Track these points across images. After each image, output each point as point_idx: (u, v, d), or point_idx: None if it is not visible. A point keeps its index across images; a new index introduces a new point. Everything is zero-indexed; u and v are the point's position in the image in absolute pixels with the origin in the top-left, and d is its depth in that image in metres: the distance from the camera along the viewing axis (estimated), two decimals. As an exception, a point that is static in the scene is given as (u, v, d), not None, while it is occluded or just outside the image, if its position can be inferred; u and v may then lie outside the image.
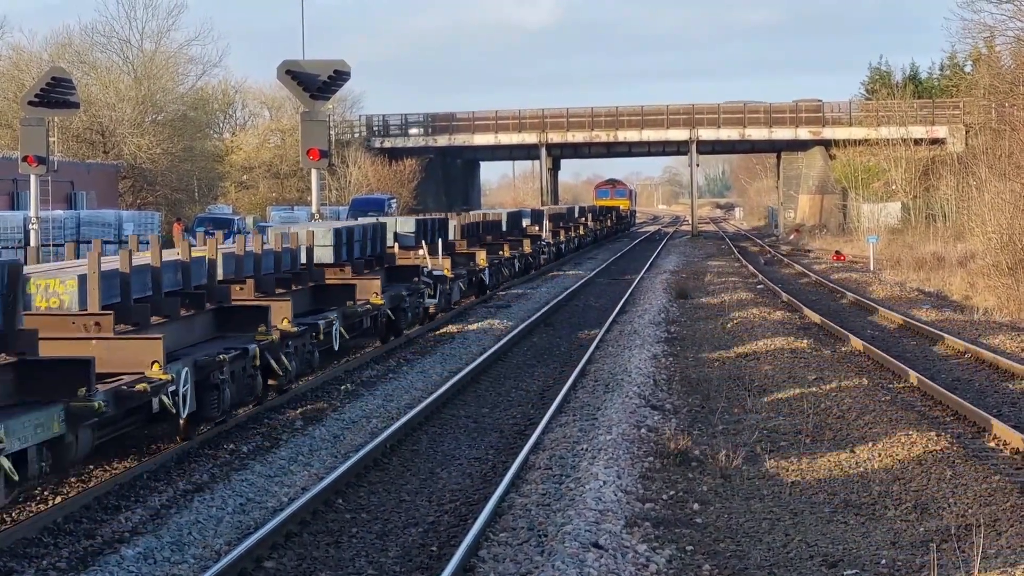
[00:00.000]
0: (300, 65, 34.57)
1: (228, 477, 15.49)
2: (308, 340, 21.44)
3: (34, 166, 36.75)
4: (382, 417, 19.73)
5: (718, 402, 20.75)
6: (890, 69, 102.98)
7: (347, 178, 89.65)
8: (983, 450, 16.85)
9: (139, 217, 63.15)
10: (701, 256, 71.27)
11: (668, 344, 28.77)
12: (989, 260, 40.64)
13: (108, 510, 13.99)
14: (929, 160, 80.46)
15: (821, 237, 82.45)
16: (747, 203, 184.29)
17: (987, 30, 59.44)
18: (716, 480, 15.50)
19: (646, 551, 12.48)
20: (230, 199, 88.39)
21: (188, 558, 12.42)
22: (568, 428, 18.29)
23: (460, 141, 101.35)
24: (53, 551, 12.48)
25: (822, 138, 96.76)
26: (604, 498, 14.05)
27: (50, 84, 37.17)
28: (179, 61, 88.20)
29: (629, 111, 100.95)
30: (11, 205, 61.38)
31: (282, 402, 20.47)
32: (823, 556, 12.50)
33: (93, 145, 77.81)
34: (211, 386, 17.09)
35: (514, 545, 12.56)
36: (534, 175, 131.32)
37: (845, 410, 19.60)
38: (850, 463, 16.24)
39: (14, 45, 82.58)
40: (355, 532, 13.52)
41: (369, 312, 26.07)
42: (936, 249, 55.49)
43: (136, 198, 78.84)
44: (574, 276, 52.12)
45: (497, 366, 25.72)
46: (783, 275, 53.74)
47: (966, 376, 23.62)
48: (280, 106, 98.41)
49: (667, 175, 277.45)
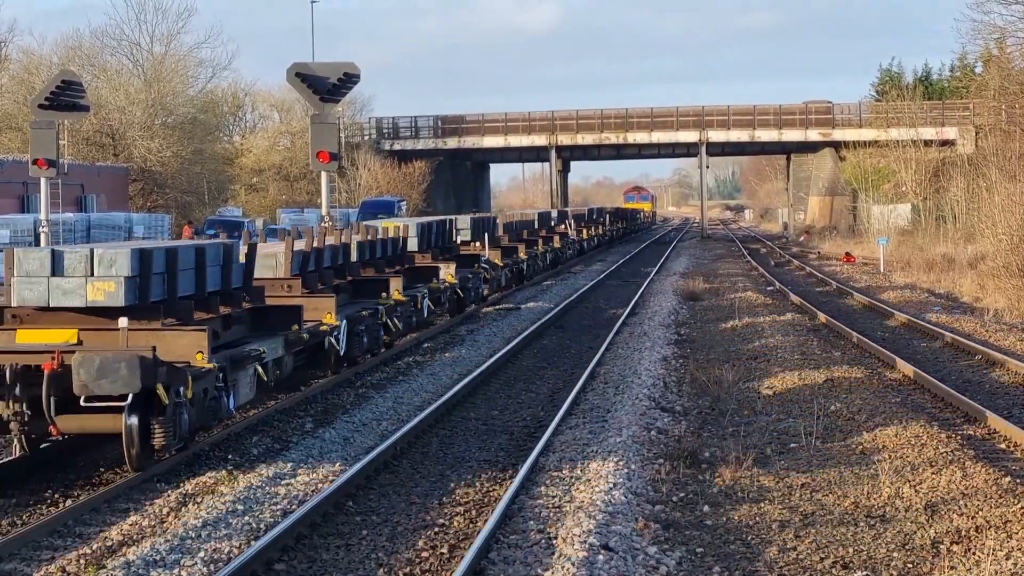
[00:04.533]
0: (310, 68, 34.57)
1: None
2: (409, 307, 28.26)
3: (44, 169, 36.80)
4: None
5: (728, 404, 20.72)
6: (901, 71, 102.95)
7: (357, 180, 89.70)
8: (993, 451, 16.84)
9: (149, 220, 63.26)
10: (711, 258, 71.21)
11: (678, 346, 28.76)
12: (999, 262, 40.57)
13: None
14: (939, 161, 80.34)
15: (831, 239, 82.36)
16: (757, 205, 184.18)
17: (997, 31, 59.49)
18: (726, 482, 15.48)
19: (656, 553, 12.47)
20: (240, 202, 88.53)
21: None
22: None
23: (470, 143, 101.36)
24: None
25: (832, 140, 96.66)
26: (614, 500, 14.04)
27: (60, 87, 37.20)
28: (189, 64, 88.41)
29: (639, 113, 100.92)
30: (21, 208, 61.47)
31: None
32: (834, 558, 12.48)
33: (103, 148, 77.92)
34: (355, 334, 23.47)
35: (524, 548, 12.56)
36: (544, 177, 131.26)
37: (855, 412, 19.57)
38: (860, 464, 16.21)
39: (24, 49, 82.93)
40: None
41: (445, 290, 32.99)
42: (946, 251, 55.44)
43: (146, 201, 78.94)
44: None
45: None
46: (793, 277, 53.68)
47: (976, 377, 23.59)
48: (290, 109, 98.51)
49: (677, 177, 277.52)
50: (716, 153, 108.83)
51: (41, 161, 36.75)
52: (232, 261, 19.10)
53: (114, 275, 15.93)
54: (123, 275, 15.90)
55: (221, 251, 18.76)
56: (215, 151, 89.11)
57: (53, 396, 14.93)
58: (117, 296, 15.91)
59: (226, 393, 16.88)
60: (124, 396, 14.84)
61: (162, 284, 16.77)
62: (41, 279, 16.04)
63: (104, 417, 15.28)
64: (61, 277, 16.04)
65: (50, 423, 15.14)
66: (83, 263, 16.02)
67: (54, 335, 16.14)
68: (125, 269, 15.94)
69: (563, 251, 59.76)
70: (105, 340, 16.00)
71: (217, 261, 18.51)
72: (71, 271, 16.04)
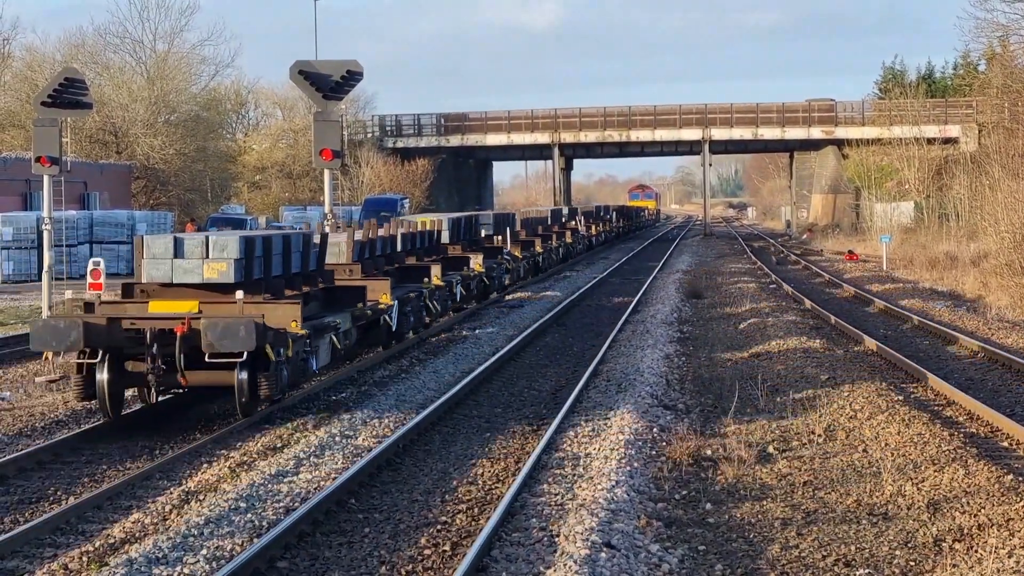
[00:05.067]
0: (313, 65, 34.49)
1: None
2: (445, 292, 32.15)
3: (47, 167, 36.75)
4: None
5: (730, 402, 20.72)
6: (904, 68, 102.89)
7: (360, 178, 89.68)
8: (996, 449, 16.84)
9: (152, 217, 63.22)
10: (713, 255, 71.20)
11: (681, 344, 28.76)
12: (1002, 259, 40.56)
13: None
14: (942, 159, 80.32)
15: (834, 237, 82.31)
16: (760, 203, 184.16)
17: (1000, 29, 59.45)
18: (728, 480, 15.48)
19: (659, 551, 12.47)
20: (243, 199, 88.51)
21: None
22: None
23: (472, 141, 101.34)
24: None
25: (835, 137, 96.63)
26: (616, 498, 14.04)
27: (63, 85, 37.14)
28: (192, 62, 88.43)
29: (642, 111, 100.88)
30: (24, 206, 61.53)
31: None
32: (836, 556, 12.48)
33: (106, 145, 77.96)
34: (403, 313, 27.06)
35: (527, 545, 12.57)
36: (546, 175, 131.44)
37: (857, 409, 19.55)
38: (862, 462, 16.21)
39: (27, 46, 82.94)
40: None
41: (474, 278, 36.94)
42: (949, 248, 55.40)
43: (149, 198, 78.98)
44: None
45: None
46: (795, 275, 53.66)
47: (979, 376, 23.59)
48: (293, 106, 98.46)
49: (680, 175, 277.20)
50: (719, 151, 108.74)
51: (44, 159, 36.71)
52: (310, 248, 22.88)
53: (225, 257, 19.34)
54: (232, 257, 19.30)
55: (301, 239, 22.50)
56: (218, 149, 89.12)
57: (183, 354, 18.23)
58: (228, 274, 19.34)
59: (311, 356, 20.41)
60: (240, 354, 18.17)
61: (260, 265, 20.23)
62: (165, 260, 19.49)
63: (221, 372, 18.62)
64: (182, 259, 19.46)
65: (181, 376, 18.57)
66: (200, 247, 19.42)
67: (180, 305, 19.38)
68: (234, 252, 19.32)
69: (574, 246, 63.86)
70: (220, 310, 19.23)
71: (298, 248, 22.09)
72: (190, 254, 19.42)
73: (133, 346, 18.68)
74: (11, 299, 43.23)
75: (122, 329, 18.61)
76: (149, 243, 19.64)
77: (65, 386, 22.18)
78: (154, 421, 19.75)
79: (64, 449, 17.44)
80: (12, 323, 34.96)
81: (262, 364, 18.60)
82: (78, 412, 20.19)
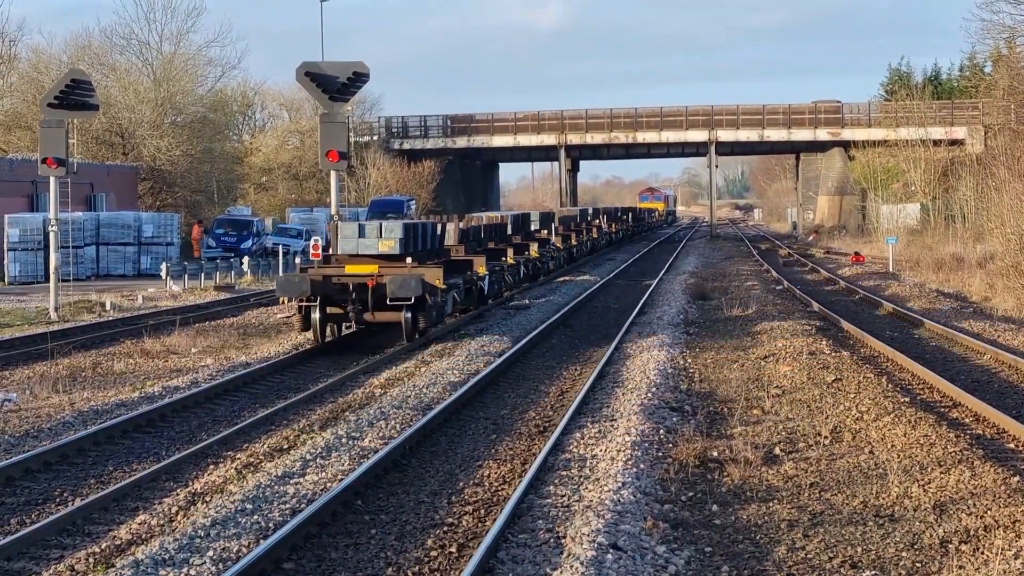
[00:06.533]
0: (319, 67, 34.50)
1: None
2: (515, 269, 42.87)
3: (54, 168, 36.80)
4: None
5: (737, 403, 20.72)
6: (910, 70, 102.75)
7: (366, 180, 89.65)
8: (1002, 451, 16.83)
9: (159, 219, 63.25)
10: (720, 257, 71.18)
11: (687, 345, 28.75)
12: (1008, 261, 40.52)
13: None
14: (948, 161, 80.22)
15: (840, 238, 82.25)
16: (766, 204, 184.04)
17: (1007, 31, 59.38)
18: (735, 481, 15.48)
19: (665, 552, 12.47)
20: (249, 201, 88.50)
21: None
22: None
23: (479, 142, 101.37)
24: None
25: (841, 139, 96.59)
26: (623, 499, 14.04)
27: (69, 86, 37.19)
28: (198, 63, 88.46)
29: (648, 112, 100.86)
30: (31, 207, 61.55)
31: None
32: (843, 558, 12.47)
33: (113, 147, 78.01)
34: (491, 281, 36.65)
35: (533, 547, 12.57)
36: (553, 177, 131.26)
37: (864, 411, 19.54)
38: (869, 464, 16.20)
39: (34, 47, 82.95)
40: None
41: (532, 260, 46.80)
42: (955, 250, 55.35)
43: (156, 200, 79.03)
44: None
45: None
46: (802, 277, 53.63)
47: (985, 378, 23.56)
48: (299, 108, 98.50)
49: (686, 176, 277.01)
50: (725, 152, 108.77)
51: (50, 160, 36.76)
52: (437, 232, 32.84)
53: (394, 236, 28.67)
54: (399, 237, 28.66)
55: (431, 227, 32.51)
56: (224, 150, 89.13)
57: (371, 300, 27.56)
58: (396, 248, 28.65)
59: (446, 304, 30.18)
60: (409, 299, 27.49)
61: (412, 243, 29.28)
62: (352, 239, 28.78)
63: (395, 312, 28.00)
64: (364, 238, 28.75)
65: (371, 314, 27.96)
66: (376, 230, 28.79)
67: (366, 268, 28.25)
68: (399, 234, 28.69)
69: (599, 240, 74.98)
70: (395, 270, 28.15)
71: (432, 232, 32.03)
72: (370, 235, 28.76)
73: (337, 294, 27.86)
74: (18, 300, 43.23)
75: (332, 283, 27.88)
76: (342, 228, 29.04)
77: (82, 383, 22.28)
78: (155, 426, 19.91)
79: (71, 450, 17.45)
80: (19, 324, 34.95)
81: (420, 306, 27.94)
82: (84, 413, 20.22)
